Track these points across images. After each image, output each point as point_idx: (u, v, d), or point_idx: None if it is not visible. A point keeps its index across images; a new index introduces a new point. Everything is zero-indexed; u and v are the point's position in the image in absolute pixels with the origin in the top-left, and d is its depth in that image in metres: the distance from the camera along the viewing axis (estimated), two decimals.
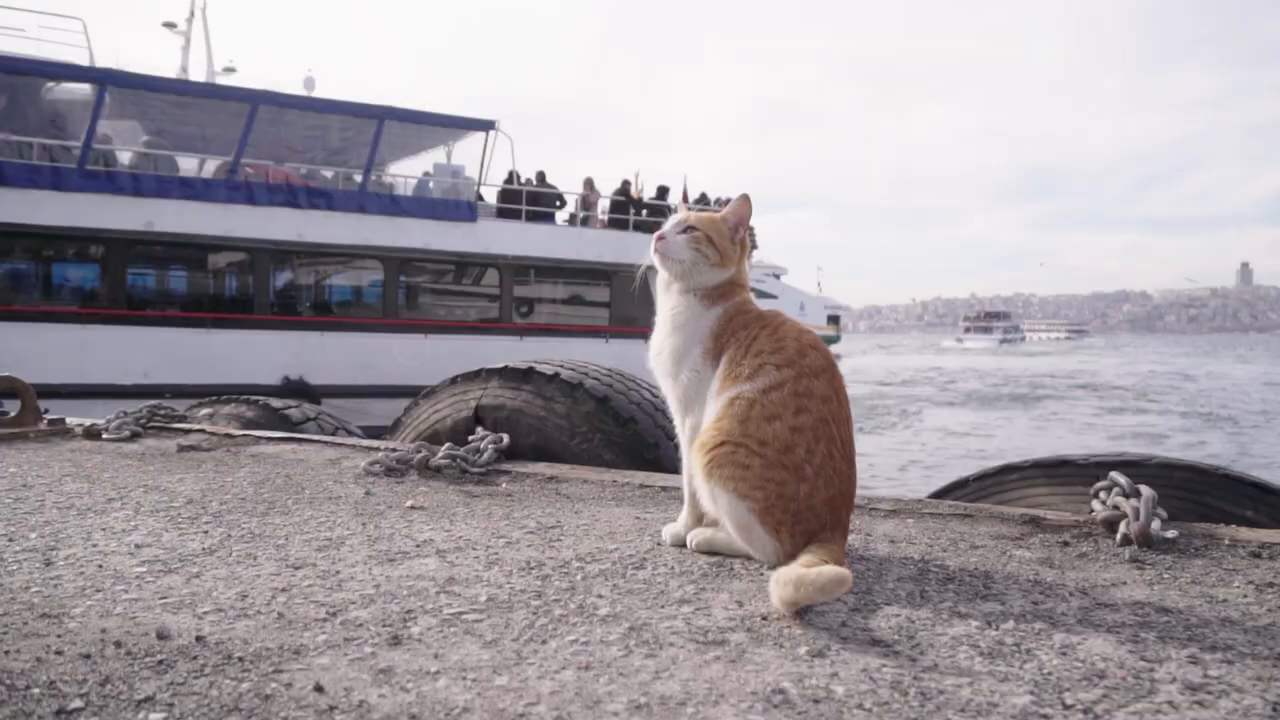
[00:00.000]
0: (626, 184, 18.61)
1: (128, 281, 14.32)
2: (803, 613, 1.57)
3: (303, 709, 1.20)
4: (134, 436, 3.80)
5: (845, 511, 1.89)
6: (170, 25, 19.06)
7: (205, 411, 4.45)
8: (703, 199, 19.80)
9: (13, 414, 3.92)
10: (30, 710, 1.19)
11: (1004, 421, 22.38)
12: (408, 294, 16.52)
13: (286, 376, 14.33)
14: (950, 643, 1.44)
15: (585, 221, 17.99)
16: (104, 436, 3.77)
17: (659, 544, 2.10)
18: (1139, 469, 2.46)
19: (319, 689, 1.26)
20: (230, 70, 19.83)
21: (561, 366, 3.51)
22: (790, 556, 1.77)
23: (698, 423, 1.98)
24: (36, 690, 1.26)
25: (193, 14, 19.18)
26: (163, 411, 4.13)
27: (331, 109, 16.16)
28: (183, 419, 4.19)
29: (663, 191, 18.78)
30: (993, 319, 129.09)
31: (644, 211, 17.91)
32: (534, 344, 15.88)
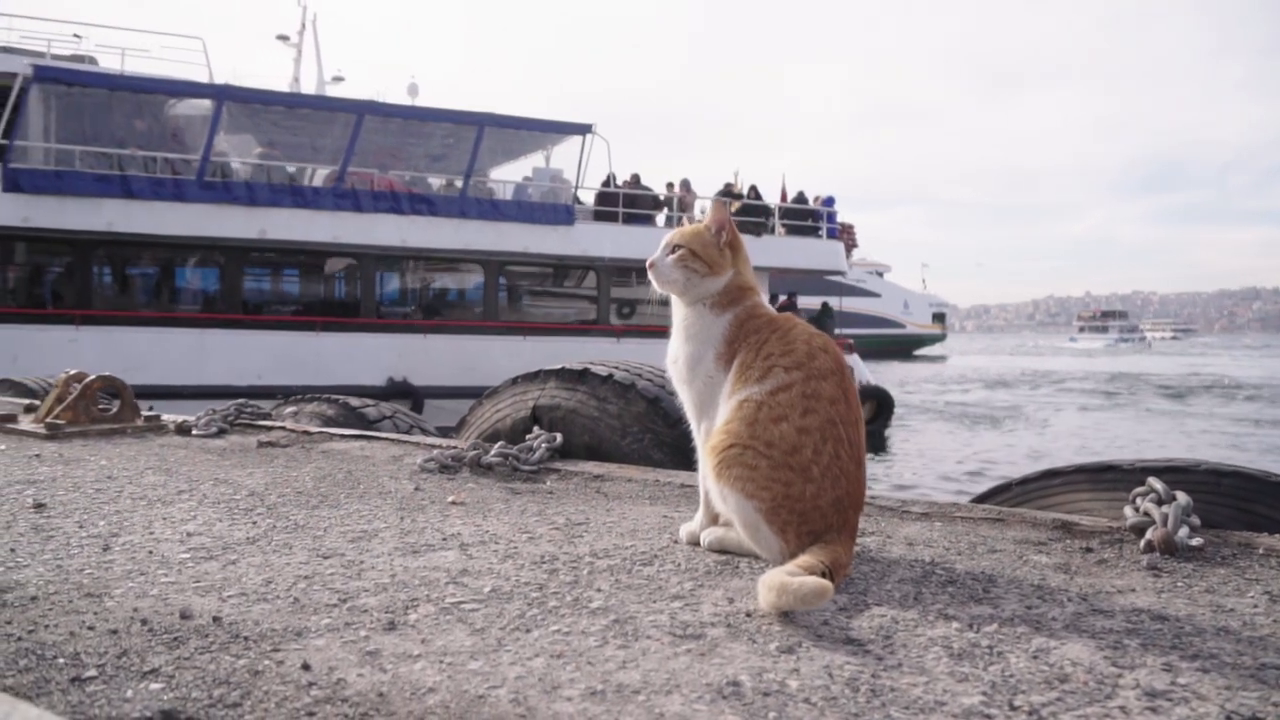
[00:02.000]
0: (729, 186, 18.70)
1: (243, 288, 15.11)
2: (790, 611, 1.59)
3: (285, 684, 1.30)
4: (220, 433, 4.05)
5: (853, 512, 1.90)
6: (284, 38, 20.05)
7: (290, 409, 4.70)
8: (800, 198, 19.68)
9: (114, 411, 4.22)
10: (50, 677, 1.33)
11: (1109, 421, 21.44)
12: (508, 296, 16.92)
13: (391, 378, 14.88)
14: (924, 644, 1.45)
15: (681, 222, 18.09)
16: (193, 433, 4.02)
17: (675, 542, 2.14)
18: (1186, 475, 2.38)
19: (305, 667, 1.36)
20: (339, 79, 20.72)
21: (616, 368, 3.58)
22: (795, 556, 1.80)
23: (712, 426, 2.02)
24: (61, 660, 1.39)
25: (304, 26, 20.13)
26: (249, 409, 4.38)
27: (433, 117, 16.68)
28: (267, 416, 4.44)
29: (754, 192, 18.75)
30: (1109, 318, 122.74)
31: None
32: (632, 345, 16.03)
